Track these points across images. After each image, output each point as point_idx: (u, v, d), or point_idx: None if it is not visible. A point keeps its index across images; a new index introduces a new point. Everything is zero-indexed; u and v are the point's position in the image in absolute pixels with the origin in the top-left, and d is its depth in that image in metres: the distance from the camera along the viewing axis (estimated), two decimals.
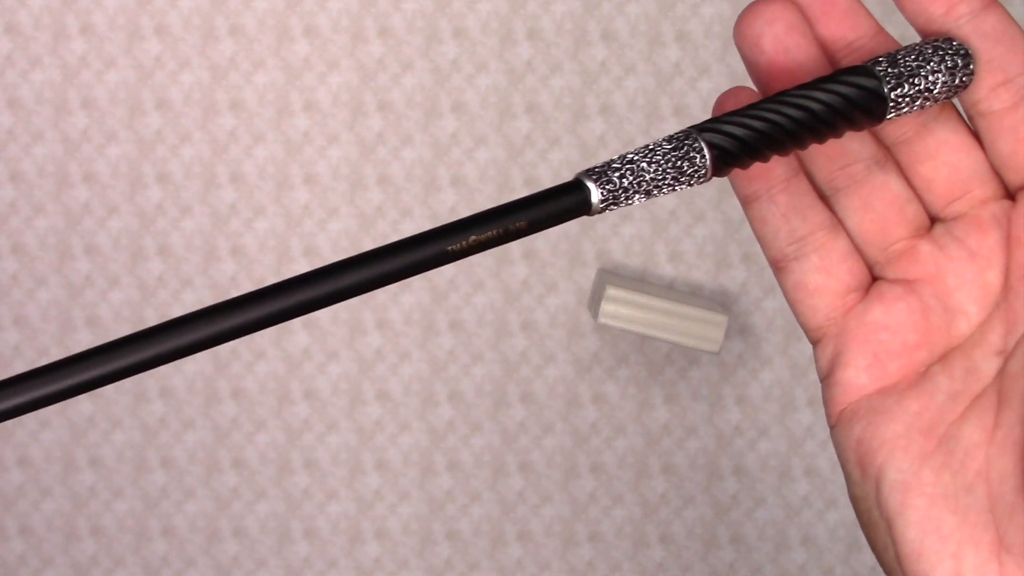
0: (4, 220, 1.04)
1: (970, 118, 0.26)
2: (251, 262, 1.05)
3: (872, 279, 0.28)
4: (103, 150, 1.04)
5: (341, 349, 1.05)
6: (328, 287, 0.21)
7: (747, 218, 0.28)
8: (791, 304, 0.28)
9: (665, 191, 0.24)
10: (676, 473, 1.07)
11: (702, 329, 0.96)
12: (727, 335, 1.04)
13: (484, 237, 0.22)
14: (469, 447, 1.06)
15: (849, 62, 0.26)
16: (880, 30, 0.27)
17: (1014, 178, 0.26)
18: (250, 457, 1.06)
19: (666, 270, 1.05)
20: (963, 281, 0.26)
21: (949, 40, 0.25)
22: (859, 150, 0.27)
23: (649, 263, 1.05)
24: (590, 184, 0.24)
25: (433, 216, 1.05)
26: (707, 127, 0.24)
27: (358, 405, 1.06)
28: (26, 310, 1.05)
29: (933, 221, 0.27)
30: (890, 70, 0.25)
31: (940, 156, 0.26)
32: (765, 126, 0.24)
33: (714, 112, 0.27)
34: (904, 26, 1.03)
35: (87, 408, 1.06)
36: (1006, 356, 0.25)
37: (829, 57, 0.27)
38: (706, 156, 0.24)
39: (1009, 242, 0.26)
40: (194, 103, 1.03)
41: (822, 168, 0.27)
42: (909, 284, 0.27)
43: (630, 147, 1.04)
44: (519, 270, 1.05)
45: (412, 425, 1.06)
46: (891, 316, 0.26)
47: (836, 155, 0.27)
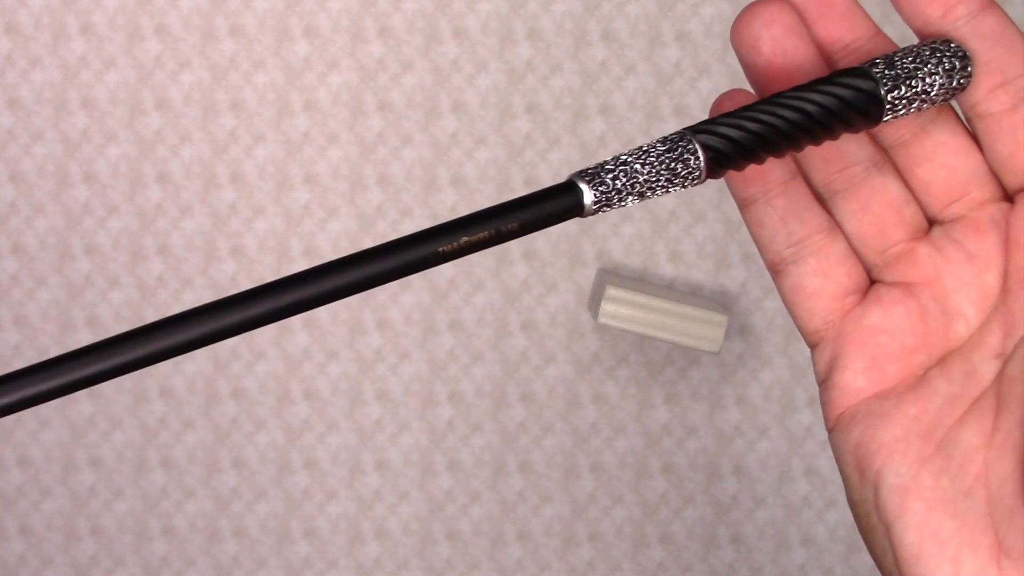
0: (4, 220, 1.04)
1: (968, 120, 0.26)
2: (251, 262, 1.05)
3: (870, 282, 0.27)
4: (103, 150, 1.04)
5: (341, 349, 1.05)
6: (319, 287, 0.21)
7: (744, 221, 0.28)
8: (789, 307, 0.27)
9: (659, 193, 0.24)
10: (676, 473, 1.06)
11: (702, 329, 0.96)
12: (727, 335, 1.04)
13: (476, 238, 0.22)
14: (469, 447, 1.06)
15: (846, 64, 0.26)
16: (878, 31, 0.26)
17: (1012, 180, 0.26)
18: (250, 457, 1.06)
19: (666, 270, 1.05)
20: (961, 284, 0.26)
21: (947, 42, 0.25)
22: (856, 152, 0.27)
23: (649, 263, 1.05)
24: (583, 185, 0.23)
25: (433, 216, 1.05)
26: (701, 128, 0.24)
27: (358, 405, 1.06)
28: (26, 310, 1.05)
29: (931, 223, 0.27)
30: (887, 72, 0.25)
31: (938, 158, 0.26)
32: (760, 128, 0.24)
33: (711, 114, 0.27)
34: (904, 27, 1.03)
35: (87, 408, 1.06)
36: (1005, 359, 0.25)
37: (826, 59, 0.27)
38: (700, 158, 0.24)
39: (1008, 244, 0.26)
40: (194, 103, 1.03)
41: (819, 171, 0.27)
42: (907, 287, 0.27)
43: (630, 147, 1.04)
44: (519, 270, 1.05)
45: (412, 425, 1.06)
46: (889, 319, 0.26)
47: (833, 158, 0.27)
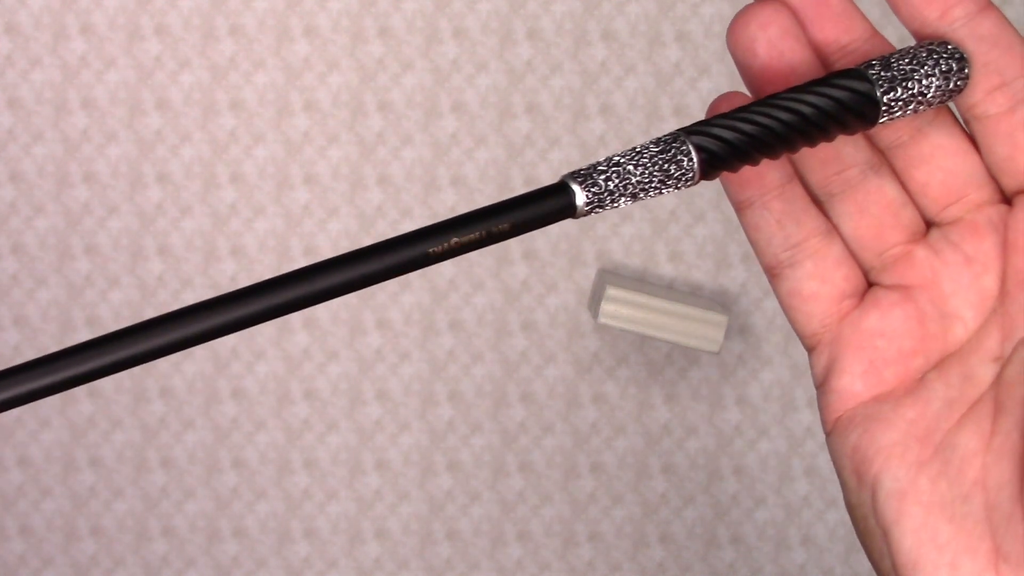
0: (4, 220, 1.04)
1: (966, 122, 0.26)
2: (251, 262, 1.05)
3: (867, 285, 0.27)
4: (103, 150, 1.04)
5: (341, 349, 1.05)
6: (309, 288, 0.21)
7: (741, 224, 0.28)
8: (786, 311, 0.27)
9: (652, 194, 0.24)
10: (676, 473, 1.06)
11: (702, 329, 0.96)
12: (727, 335, 1.04)
13: (466, 239, 0.22)
14: (469, 447, 1.06)
15: (843, 65, 0.26)
16: (875, 33, 0.26)
17: (1010, 182, 0.26)
18: (250, 457, 1.06)
19: (666, 270, 1.04)
20: (959, 287, 0.26)
21: (944, 44, 0.25)
22: (853, 155, 0.27)
23: (649, 263, 1.05)
24: (575, 186, 0.23)
25: (433, 216, 1.05)
26: (695, 130, 0.24)
27: (358, 405, 1.06)
28: (26, 310, 1.05)
29: (929, 226, 0.27)
30: (883, 73, 0.25)
31: (935, 160, 0.26)
32: (755, 129, 0.24)
33: (708, 116, 0.27)
34: (905, 28, 1.03)
35: (87, 408, 1.06)
36: (1003, 362, 0.25)
37: (823, 60, 0.26)
38: (694, 159, 0.24)
39: (1006, 247, 0.26)
40: (194, 103, 1.03)
41: (816, 173, 0.27)
42: (905, 290, 0.26)
43: (630, 147, 1.04)
44: (519, 270, 1.04)
45: (412, 425, 1.06)
46: (887, 323, 0.26)
47: (830, 160, 0.27)
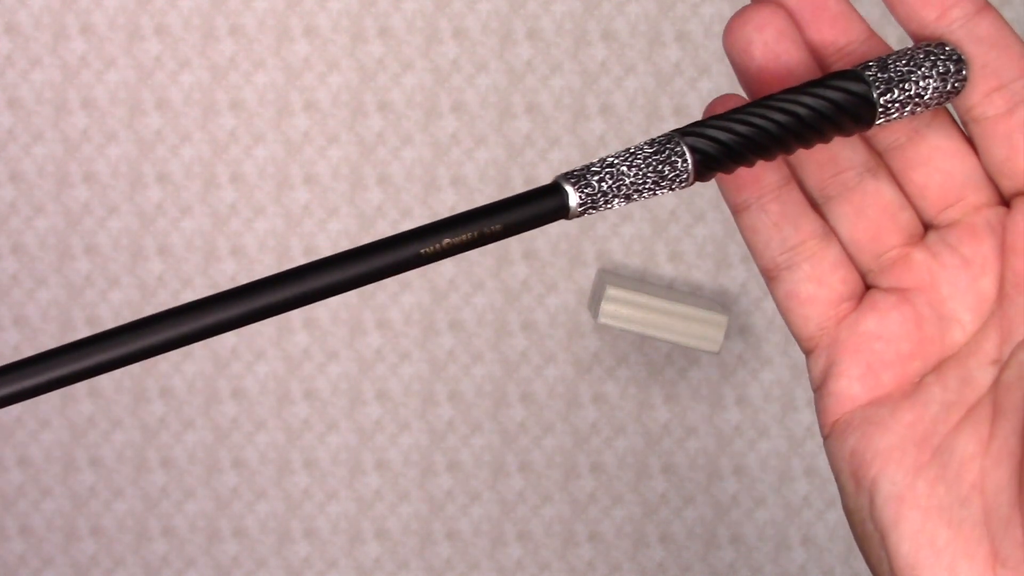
0: (4, 220, 1.04)
1: (964, 124, 0.26)
2: (251, 262, 1.05)
3: (865, 288, 0.27)
4: (103, 150, 1.04)
5: (341, 349, 1.05)
6: (302, 288, 0.21)
7: (738, 227, 0.28)
8: (783, 314, 0.27)
9: (646, 195, 0.24)
10: (676, 473, 1.06)
11: (702, 329, 0.96)
12: (727, 335, 1.04)
13: (458, 240, 0.22)
14: (469, 447, 1.06)
15: (840, 67, 0.26)
16: (872, 34, 0.26)
17: (1009, 184, 0.25)
18: (250, 457, 1.06)
19: (666, 270, 1.04)
20: (957, 289, 0.26)
21: (942, 45, 0.25)
22: (851, 157, 0.26)
23: (649, 263, 1.05)
24: (568, 187, 0.23)
25: (433, 216, 1.05)
26: (690, 131, 0.24)
27: (358, 405, 1.06)
28: (26, 310, 1.05)
29: (927, 228, 0.27)
30: (880, 75, 0.25)
31: (933, 162, 0.26)
32: (750, 131, 0.24)
33: (704, 118, 0.27)
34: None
35: (87, 408, 1.06)
36: (1001, 365, 0.25)
37: (820, 62, 0.26)
38: (688, 160, 0.24)
39: (1004, 249, 0.25)
40: (194, 103, 1.03)
41: (813, 176, 0.27)
42: (903, 293, 0.26)
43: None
44: (519, 270, 1.04)
45: (412, 425, 1.06)
46: (884, 326, 0.26)
47: (827, 162, 0.27)
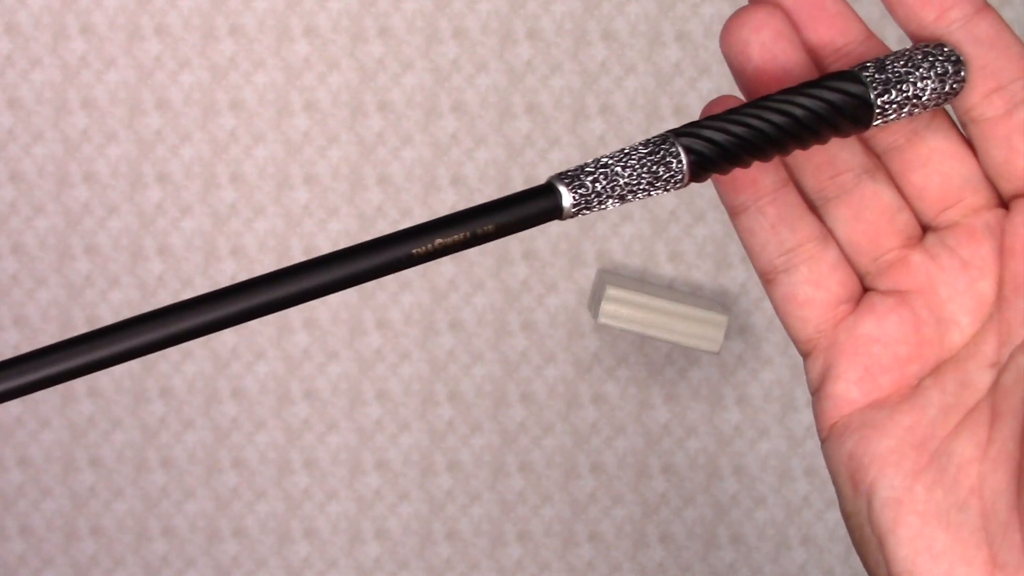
0: (4, 220, 1.04)
1: (963, 125, 0.26)
2: (251, 262, 1.05)
3: (863, 290, 0.27)
4: (103, 150, 1.04)
5: (341, 349, 1.05)
6: (291, 288, 0.21)
7: (735, 229, 0.27)
8: (780, 316, 0.27)
9: (640, 196, 0.24)
10: (676, 473, 1.06)
11: (702, 329, 0.96)
12: (727, 335, 1.04)
13: (450, 241, 0.22)
14: (469, 447, 1.06)
15: (838, 68, 0.26)
16: (870, 35, 0.26)
17: (1008, 186, 0.25)
18: (250, 457, 1.06)
19: (666, 270, 1.04)
20: (955, 292, 0.26)
21: (940, 46, 0.25)
22: (849, 159, 0.26)
23: (649, 263, 1.04)
24: (562, 188, 0.23)
25: (433, 216, 1.05)
26: (685, 131, 0.24)
27: (358, 405, 1.06)
28: (26, 310, 1.05)
29: (925, 230, 0.27)
30: (877, 76, 0.24)
31: (932, 164, 0.26)
32: (746, 132, 0.24)
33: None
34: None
35: (87, 408, 1.06)
36: (1000, 368, 0.25)
37: (817, 63, 0.26)
38: (683, 161, 0.24)
39: (1003, 251, 0.25)
40: (194, 103, 1.03)
41: (811, 178, 0.27)
42: (901, 295, 0.26)
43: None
44: (519, 270, 1.04)
45: (412, 425, 1.06)
46: (882, 328, 0.26)
47: (825, 164, 0.26)
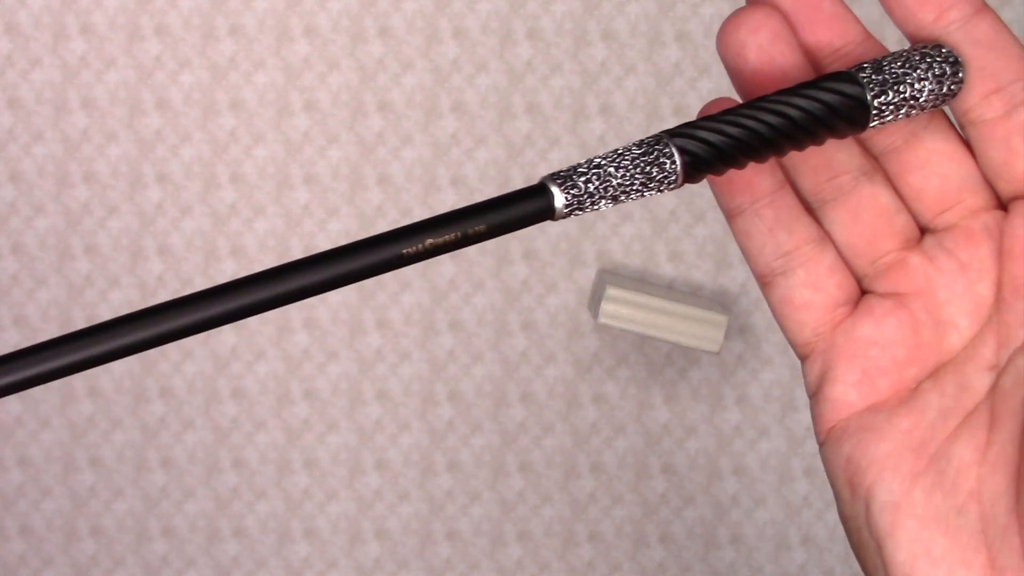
0: (4, 220, 1.04)
1: (961, 126, 0.25)
2: (251, 262, 1.05)
3: (861, 293, 0.27)
4: (103, 150, 1.04)
5: (341, 349, 1.05)
6: (282, 288, 0.21)
7: (732, 232, 0.27)
8: (778, 319, 0.27)
9: (633, 197, 0.23)
10: (676, 473, 1.06)
11: (702, 329, 0.96)
12: (727, 335, 1.04)
13: (441, 241, 0.22)
14: (469, 447, 1.06)
15: (835, 69, 0.26)
16: (868, 36, 0.26)
17: (1006, 188, 0.25)
18: (250, 457, 1.06)
19: (666, 270, 1.04)
20: (954, 294, 0.25)
21: (938, 47, 0.25)
22: (846, 161, 0.26)
23: (649, 263, 1.04)
24: (554, 188, 0.23)
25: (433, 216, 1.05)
26: (679, 132, 0.24)
27: (358, 405, 1.06)
28: (26, 310, 1.05)
29: (923, 232, 0.26)
30: (874, 77, 0.24)
31: (930, 165, 0.26)
32: (741, 133, 0.24)
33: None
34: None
35: (87, 408, 1.06)
36: (999, 371, 0.25)
37: (814, 64, 0.26)
38: (676, 162, 0.23)
39: (1001, 253, 0.25)
40: (194, 103, 1.03)
41: (808, 180, 0.26)
42: (899, 298, 0.26)
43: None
44: (519, 270, 1.04)
45: (412, 425, 1.06)
46: (880, 331, 0.26)
47: (822, 166, 0.26)
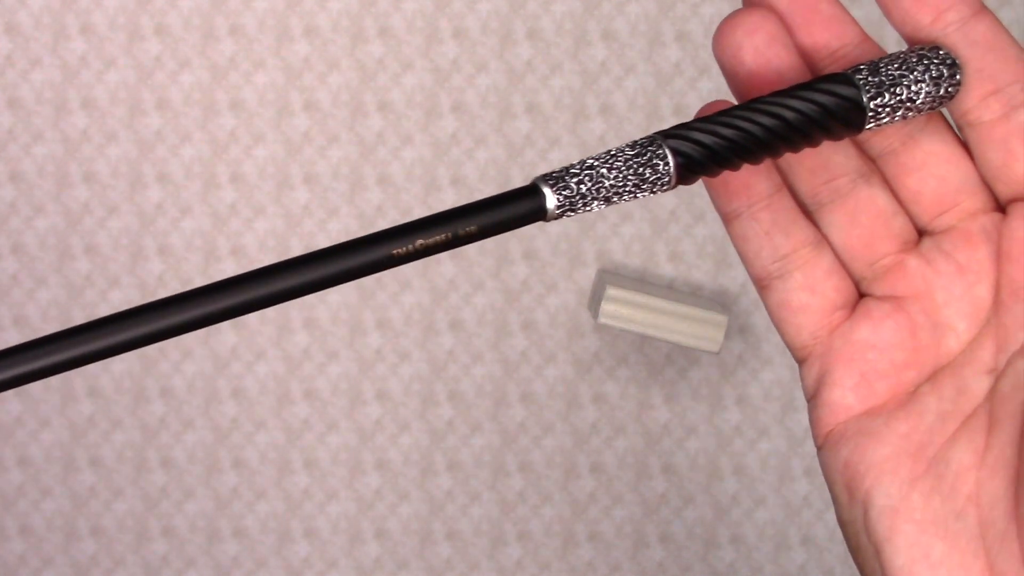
0: (4, 220, 1.04)
1: (959, 128, 0.25)
2: (251, 262, 1.05)
3: (859, 296, 0.27)
4: (103, 150, 1.04)
5: (341, 349, 1.05)
6: (268, 288, 0.21)
7: (729, 236, 0.27)
8: (775, 323, 0.27)
9: (626, 198, 0.23)
10: (676, 473, 1.06)
11: (702, 329, 0.96)
12: (727, 335, 1.04)
13: (432, 241, 0.22)
14: (469, 447, 1.06)
15: (832, 71, 0.26)
16: (865, 38, 0.26)
17: (1005, 190, 0.25)
18: (250, 457, 1.06)
19: (666, 270, 1.04)
20: (952, 297, 0.25)
21: (935, 49, 0.25)
22: (843, 163, 0.26)
23: (649, 263, 1.04)
24: (546, 189, 0.23)
25: None
26: (673, 133, 0.24)
27: (358, 405, 1.06)
28: (26, 310, 1.05)
29: (921, 235, 0.26)
30: (870, 79, 0.24)
31: (928, 168, 0.25)
32: (735, 134, 0.23)
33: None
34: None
35: (87, 408, 1.06)
36: (997, 375, 0.24)
37: (811, 66, 0.26)
38: (670, 163, 0.23)
39: (999, 256, 0.25)
40: (194, 103, 1.03)
41: (805, 182, 0.26)
42: (897, 301, 0.26)
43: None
44: (519, 270, 1.04)
45: (412, 425, 1.06)
46: (878, 334, 0.26)
47: (819, 169, 0.26)
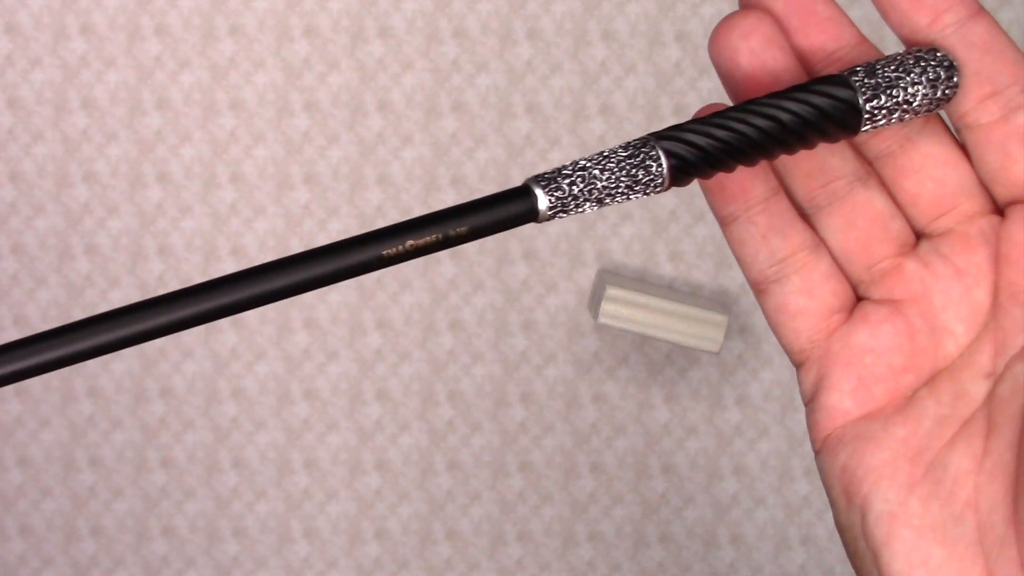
0: (4, 220, 1.04)
1: (957, 130, 0.25)
2: (251, 262, 1.05)
3: (856, 299, 0.27)
4: (103, 150, 1.04)
5: (341, 349, 1.05)
6: (258, 289, 0.21)
7: (726, 239, 0.27)
8: (773, 327, 0.26)
9: (619, 200, 0.23)
10: (676, 473, 1.06)
11: (702, 329, 0.95)
12: (727, 335, 1.04)
13: (422, 242, 0.21)
14: (469, 447, 1.06)
15: (828, 73, 0.25)
16: (863, 40, 0.25)
17: (1003, 193, 0.25)
18: (250, 457, 1.06)
19: (666, 270, 1.04)
20: (950, 300, 0.25)
21: (933, 51, 0.24)
22: (840, 166, 0.26)
23: (649, 263, 1.04)
24: (538, 190, 0.23)
25: None
26: (666, 134, 0.23)
27: (358, 405, 1.06)
28: (26, 310, 1.05)
29: (919, 238, 0.26)
30: (867, 80, 0.24)
31: (925, 170, 0.25)
32: (729, 136, 0.23)
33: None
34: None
35: (87, 408, 1.06)
36: (995, 379, 0.24)
37: (808, 68, 0.26)
38: (663, 165, 0.23)
39: (998, 259, 0.25)
40: (194, 103, 1.03)
41: (802, 185, 0.26)
42: (894, 304, 0.26)
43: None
44: (519, 270, 1.04)
45: (412, 425, 1.06)
46: (876, 338, 0.25)
47: (816, 172, 0.26)
